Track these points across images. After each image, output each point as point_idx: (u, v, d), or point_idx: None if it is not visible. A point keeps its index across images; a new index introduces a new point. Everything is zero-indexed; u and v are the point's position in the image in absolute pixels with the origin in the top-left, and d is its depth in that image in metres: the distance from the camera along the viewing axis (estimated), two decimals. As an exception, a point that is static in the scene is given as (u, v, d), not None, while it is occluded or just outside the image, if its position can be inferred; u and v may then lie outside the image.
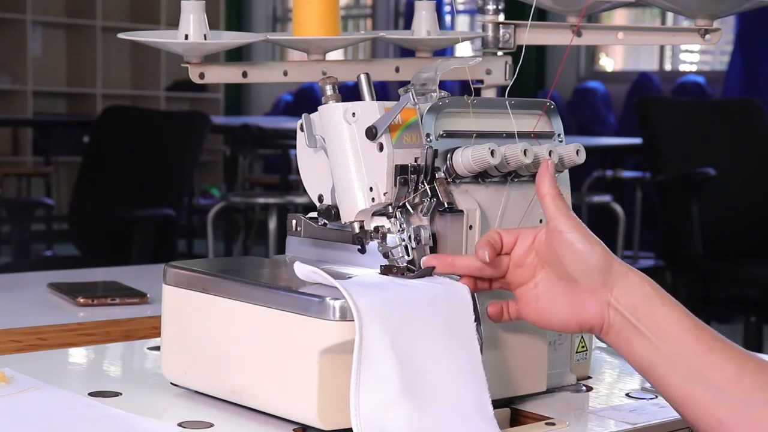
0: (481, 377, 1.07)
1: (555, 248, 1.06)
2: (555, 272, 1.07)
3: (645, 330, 1.03)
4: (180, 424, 1.11)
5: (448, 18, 7.99)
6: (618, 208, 5.24)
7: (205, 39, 1.36)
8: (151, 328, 1.55)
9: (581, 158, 1.20)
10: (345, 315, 1.04)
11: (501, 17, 1.60)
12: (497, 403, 1.10)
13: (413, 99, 1.15)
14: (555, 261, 1.07)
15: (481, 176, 1.17)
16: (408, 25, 1.58)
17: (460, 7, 8.42)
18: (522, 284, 1.10)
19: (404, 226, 1.12)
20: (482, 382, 1.07)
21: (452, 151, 1.15)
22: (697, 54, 8.13)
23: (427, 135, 1.15)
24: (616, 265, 1.05)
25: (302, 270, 1.10)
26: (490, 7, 1.59)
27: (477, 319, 1.09)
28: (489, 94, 1.60)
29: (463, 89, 1.26)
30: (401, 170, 1.13)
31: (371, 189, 1.14)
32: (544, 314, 1.09)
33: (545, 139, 1.22)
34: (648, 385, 1.31)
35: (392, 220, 1.13)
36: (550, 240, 1.07)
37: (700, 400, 1.00)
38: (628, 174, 6.45)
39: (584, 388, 1.28)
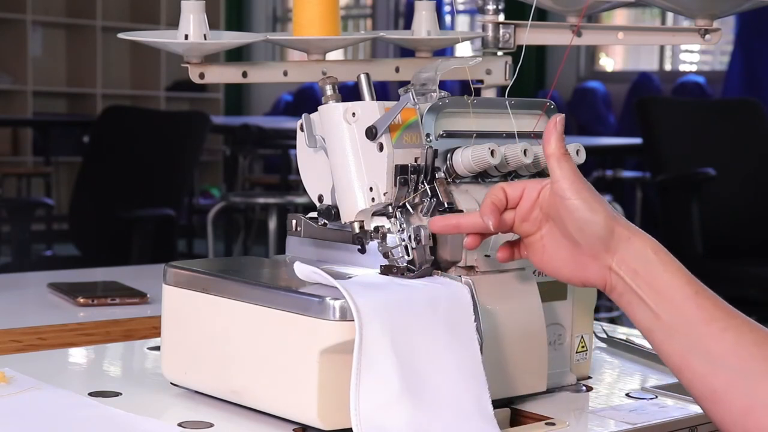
0: (481, 377, 1.07)
1: (558, 210, 1.06)
2: (559, 230, 1.07)
3: (645, 297, 1.03)
4: (180, 424, 1.11)
5: (448, 18, 7.99)
6: (618, 208, 5.22)
7: (205, 39, 1.36)
8: (151, 328, 1.55)
9: (581, 158, 1.20)
10: (345, 315, 1.04)
11: (501, 17, 1.60)
12: (497, 403, 1.10)
13: (413, 99, 1.15)
14: (558, 220, 1.06)
15: (481, 176, 1.17)
16: (408, 25, 1.58)
17: (460, 7, 8.42)
18: (529, 235, 1.10)
19: (404, 226, 1.12)
20: (482, 382, 1.07)
21: (452, 151, 1.15)
22: (697, 54, 8.13)
23: (427, 135, 1.15)
24: (618, 230, 1.04)
25: (302, 270, 1.10)
26: (490, 7, 1.59)
27: (477, 319, 1.09)
28: (489, 94, 1.60)
29: (463, 89, 1.26)
30: (401, 170, 1.13)
31: (371, 189, 1.14)
32: (550, 265, 1.09)
33: (545, 139, 1.22)
34: (648, 385, 1.31)
35: (392, 220, 1.13)
36: (553, 201, 1.06)
37: (696, 369, 1.00)
38: (628, 174, 6.45)
39: (584, 388, 1.28)
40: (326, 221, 1.22)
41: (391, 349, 1.03)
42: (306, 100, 8.70)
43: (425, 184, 1.13)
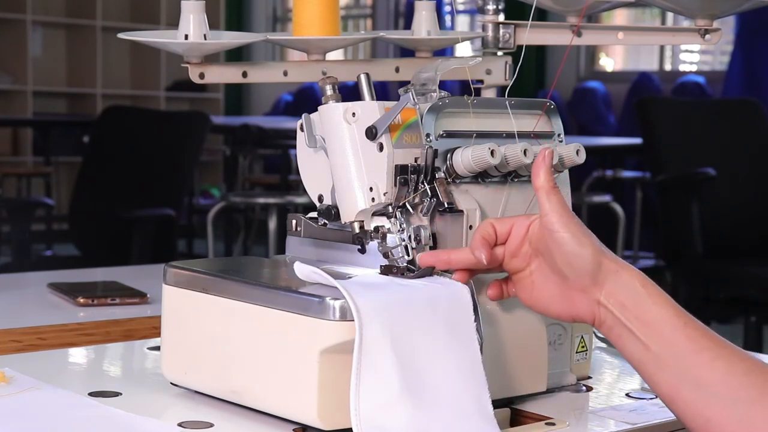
0: (481, 377, 1.07)
1: (546, 244, 1.06)
2: (547, 264, 1.08)
3: (634, 329, 1.03)
4: (180, 424, 1.11)
5: (448, 18, 7.99)
6: (618, 208, 5.24)
7: (205, 39, 1.36)
8: (151, 328, 1.55)
9: (581, 158, 1.20)
10: (345, 315, 1.04)
11: (501, 17, 1.60)
12: (497, 403, 1.09)
13: (413, 99, 1.15)
14: (547, 253, 1.07)
15: (481, 176, 1.17)
16: (408, 25, 1.58)
17: (460, 7, 8.41)
18: (518, 272, 1.11)
19: (404, 226, 1.12)
20: (482, 382, 1.07)
21: (452, 151, 1.15)
22: (697, 54, 8.13)
23: (427, 135, 1.15)
24: (606, 263, 1.05)
25: (302, 270, 1.10)
26: (490, 7, 1.59)
27: (477, 319, 1.09)
28: (489, 94, 1.60)
29: (463, 89, 1.26)
30: (401, 170, 1.13)
31: (371, 189, 1.14)
32: (539, 302, 1.10)
33: (545, 139, 1.22)
34: (648, 385, 1.31)
35: (392, 220, 1.13)
36: (542, 235, 1.07)
37: (688, 399, 1.01)
38: (628, 174, 6.45)
39: (584, 388, 1.28)
40: (326, 221, 1.22)
41: (391, 349, 1.03)
42: (306, 100, 8.70)
43: (425, 184, 1.13)
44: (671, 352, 1.02)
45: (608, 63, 8.55)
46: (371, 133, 1.14)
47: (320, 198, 1.24)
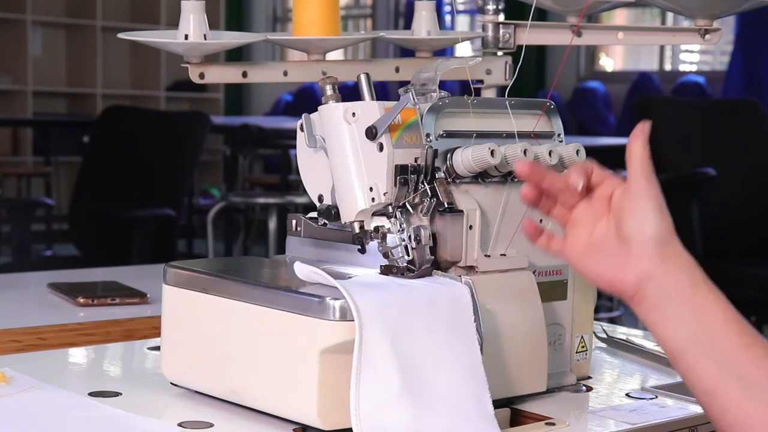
0: (481, 377, 1.07)
1: (624, 204, 1.03)
2: (616, 227, 1.03)
3: (686, 312, 1.01)
4: (180, 424, 1.11)
5: (448, 18, 7.99)
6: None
7: (205, 39, 1.36)
8: (151, 328, 1.55)
9: (581, 158, 1.20)
10: (345, 315, 1.04)
11: (501, 17, 1.60)
12: (497, 403, 1.10)
13: (413, 99, 1.15)
14: (622, 213, 1.03)
15: (481, 176, 1.17)
16: (408, 25, 1.58)
17: (460, 7, 8.41)
18: (579, 224, 1.06)
19: (404, 226, 1.12)
20: (482, 382, 1.07)
21: (452, 151, 1.15)
22: (697, 54, 8.13)
23: (427, 135, 1.15)
24: (674, 244, 1.03)
25: (302, 270, 1.10)
26: (490, 7, 1.59)
27: (477, 319, 1.09)
28: (489, 94, 1.60)
29: (463, 89, 1.26)
30: (401, 170, 1.13)
31: (371, 189, 1.14)
32: (585, 260, 1.05)
33: (545, 139, 1.22)
34: (648, 385, 1.31)
35: (392, 220, 1.13)
36: (625, 197, 1.03)
37: (731, 393, 0.98)
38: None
39: (584, 388, 1.28)
40: (326, 221, 1.22)
41: (391, 349, 1.03)
42: (306, 100, 8.70)
43: (425, 184, 1.13)
44: (721, 343, 0.99)
45: (608, 63, 8.55)
46: (371, 133, 1.14)
47: (320, 198, 1.24)
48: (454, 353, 1.07)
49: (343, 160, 1.16)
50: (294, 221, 1.27)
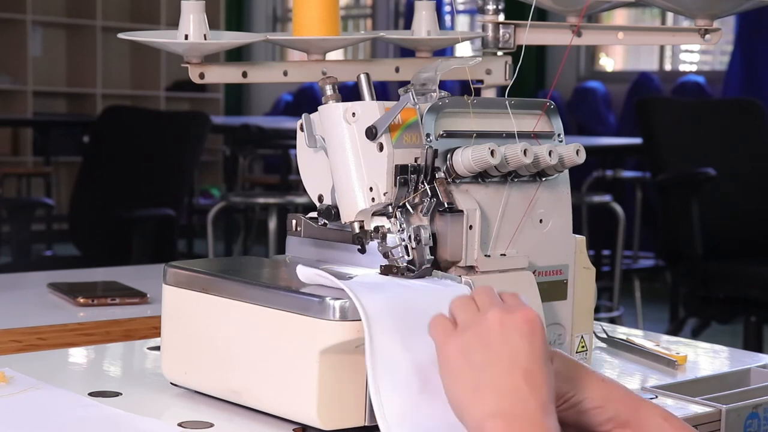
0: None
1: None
2: None
3: None
4: (180, 424, 1.11)
5: (448, 18, 7.99)
6: (618, 208, 5.24)
7: (205, 39, 1.36)
8: (151, 328, 1.55)
9: (581, 158, 1.20)
10: (345, 315, 1.04)
11: (501, 17, 1.60)
12: (497, 403, 1.09)
13: (413, 99, 1.15)
14: None
15: (481, 176, 1.17)
16: (408, 25, 1.58)
17: (460, 7, 8.41)
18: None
19: (404, 226, 1.12)
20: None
21: (452, 151, 1.15)
22: (697, 54, 8.13)
23: (427, 135, 1.15)
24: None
25: (305, 273, 1.10)
26: (490, 7, 1.59)
27: (477, 319, 1.09)
28: (489, 94, 1.60)
29: (463, 89, 1.26)
30: (401, 170, 1.13)
31: (371, 189, 1.14)
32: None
33: (545, 139, 1.22)
34: (648, 385, 1.31)
35: (392, 220, 1.13)
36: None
37: None
38: (628, 174, 6.45)
39: (584, 388, 1.28)
40: (326, 221, 1.22)
41: (403, 349, 1.03)
42: (306, 100, 8.70)
43: (425, 184, 1.13)
44: None
45: (608, 63, 8.55)
46: (371, 133, 1.14)
47: (320, 198, 1.24)
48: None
49: (343, 160, 1.16)
50: (294, 221, 1.27)
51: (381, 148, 1.14)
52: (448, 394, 0.97)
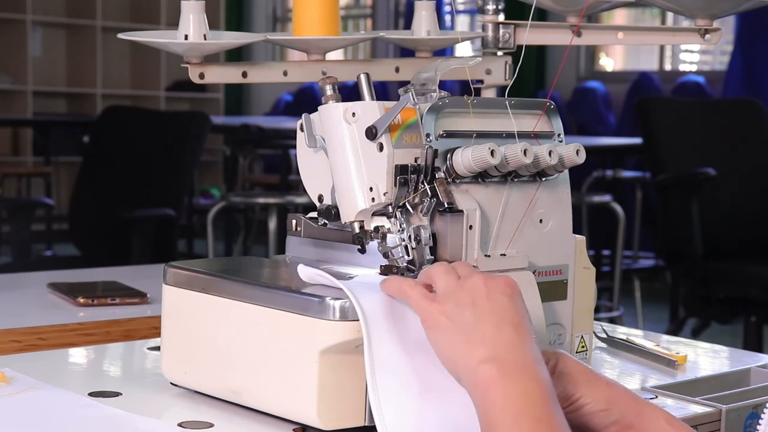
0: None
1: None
2: None
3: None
4: (180, 424, 1.11)
5: (448, 18, 7.99)
6: (618, 208, 5.24)
7: (205, 39, 1.36)
8: (151, 328, 1.55)
9: (581, 158, 1.20)
10: (345, 315, 1.04)
11: (501, 17, 1.60)
12: (497, 403, 1.09)
13: (413, 99, 1.15)
14: None
15: (481, 176, 1.17)
16: (408, 25, 1.58)
17: (460, 7, 8.41)
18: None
19: (404, 226, 1.12)
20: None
21: (452, 151, 1.15)
22: (697, 54, 8.13)
23: (427, 135, 1.15)
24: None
25: (306, 273, 1.10)
26: (490, 7, 1.59)
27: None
28: (489, 94, 1.60)
29: (463, 89, 1.26)
30: (401, 170, 1.13)
31: (371, 189, 1.14)
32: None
33: (545, 139, 1.22)
34: (648, 385, 1.31)
35: (392, 220, 1.13)
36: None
37: None
38: (628, 174, 6.45)
39: (584, 388, 1.28)
40: (326, 221, 1.22)
41: (402, 349, 1.03)
42: (306, 100, 8.70)
43: (425, 184, 1.13)
44: None
45: (608, 63, 8.55)
46: (371, 133, 1.14)
47: (320, 198, 1.24)
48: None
49: (343, 160, 1.16)
50: (294, 221, 1.27)
51: (381, 148, 1.14)
52: (439, 354, 1.00)
